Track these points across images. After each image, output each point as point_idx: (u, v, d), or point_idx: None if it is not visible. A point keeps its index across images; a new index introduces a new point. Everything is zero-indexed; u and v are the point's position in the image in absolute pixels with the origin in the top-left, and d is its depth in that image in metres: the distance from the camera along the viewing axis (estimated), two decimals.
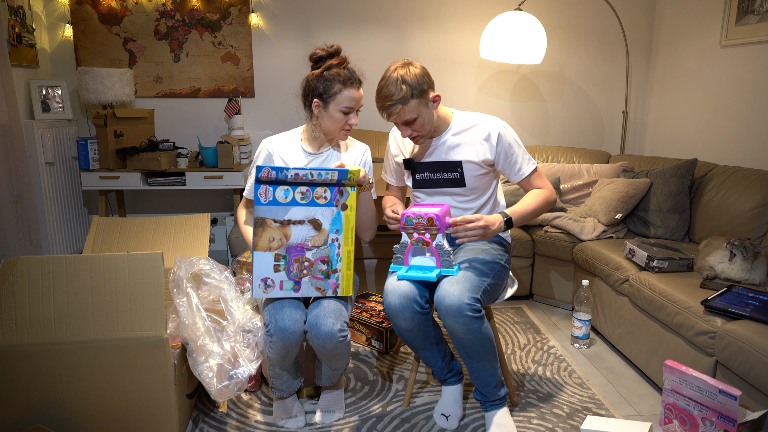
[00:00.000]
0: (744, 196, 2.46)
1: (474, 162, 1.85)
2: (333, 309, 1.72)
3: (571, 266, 2.85)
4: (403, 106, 1.72)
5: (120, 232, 2.55)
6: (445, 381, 1.92)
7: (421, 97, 1.74)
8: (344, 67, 1.83)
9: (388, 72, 1.75)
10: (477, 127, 1.86)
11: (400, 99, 1.71)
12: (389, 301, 1.73)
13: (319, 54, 1.85)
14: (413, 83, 1.72)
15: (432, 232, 1.67)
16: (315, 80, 1.83)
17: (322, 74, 1.81)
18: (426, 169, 1.91)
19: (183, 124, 3.57)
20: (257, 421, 1.90)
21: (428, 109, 1.78)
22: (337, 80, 1.79)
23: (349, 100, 1.81)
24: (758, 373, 1.60)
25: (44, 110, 3.18)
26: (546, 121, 3.80)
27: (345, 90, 1.80)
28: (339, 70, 1.81)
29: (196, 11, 3.41)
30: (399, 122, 1.78)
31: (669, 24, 3.50)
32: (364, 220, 1.95)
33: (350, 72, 1.82)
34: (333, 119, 1.84)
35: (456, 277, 1.69)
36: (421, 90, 1.73)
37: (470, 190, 1.89)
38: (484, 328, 1.67)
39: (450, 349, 1.90)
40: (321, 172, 1.69)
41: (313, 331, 1.69)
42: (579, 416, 1.94)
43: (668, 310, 2.01)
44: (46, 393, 1.63)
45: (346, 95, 1.80)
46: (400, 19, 3.56)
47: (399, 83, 1.71)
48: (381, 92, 1.74)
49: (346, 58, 1.87)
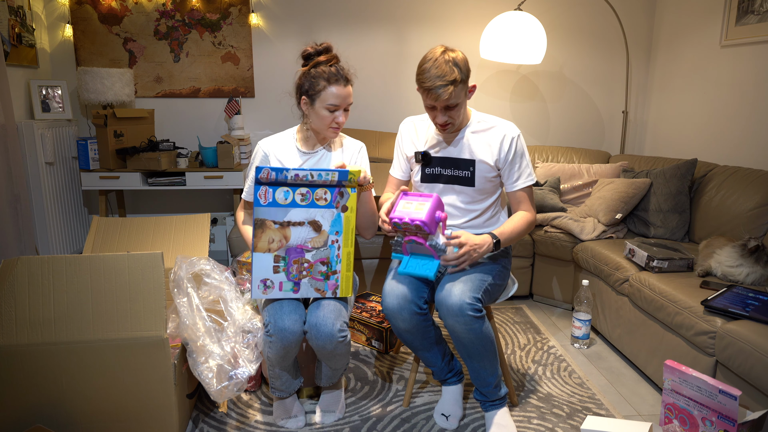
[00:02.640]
0: (744, 196, 2.46)
1: (487, 163, 1.84)
2: (333, 309, 1.72)
3: (571, 266, 2.85)
4: (454, 89, 1.68)
5: (120, 232, 2.54)
6: (445, 381, 1.92)
7: (465, 84, 1.73)
8: (331, 64, 1.81)
9: (435, 53, 1.71)
10: (494, 129, 1.85)
11: (452, 80, 1.67)
12: (387, 302, 1.73)
13: (308, 51, 1.84)
14: (463, 68, 1.70)
15: (423, 234, 1.66)
16: (302, 77, 1.83)
17: (309, 71, 1.81)
18: (438, 164, 1.89)
19: (183, 124, 3.57)
20: (257, 421, 1.90)
21: (465, 98, 1.77)
22: (322, 77, 1.79)
23: (334, 97, 1.79)
24: (758, 373, 1.60)
25: (44, 110, 3.18)
26: (546, 121, 3.80)
27: (330, 87, 1.78)
28: (325, 67, 1.79)
29: (196, 11, 3.41)
30: (441, 106, 1.73)
31: (669, 24, 3.50)
32: (365, 219, 1.95)
33: (337, 69, 1.80)
34: (320, 117, 1.83)
35: (458, 277, 1.69)
36: (467, 76, 1.72)
37: (478, 191, 1.88)
38: (485, 328, 1.67)
39: (449, 350, 1.90)
40: (321, 173, 1.68)
41: (312, 332, 1.69)
42: (579, 416, 1.94)
43: (668, 310, 2.01)
44: (46, 393, 1.63)
45: (331, 92, 1.79)
46: (400, 19, 3.56)
47: (451, 65, 1.68)
48: (430, 71, 1.68)
49: (336, 55, 1.85)
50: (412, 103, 3.68)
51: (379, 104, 3.67)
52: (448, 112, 1.75)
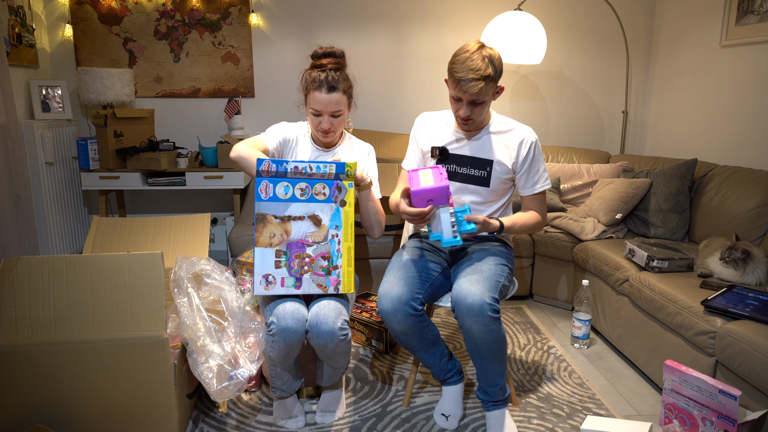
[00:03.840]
0: (744, 196, 2.46)
1: (504, 165, 1.84)
2: (333, 308, 1.72)
3: (571, 266, 2.85)
4: (485, 85, 1.68)
5: (120, 232, 2.54)
6: (445, 381, 1.91)
7: (495, 83, 1.73)
8: (326, 69, 1.83)
9: (472, 46, 1.70)
10: (514, 132, 1.85)
11: (486, 76, 1.67)
12: (382, 304, 1.73)
13: (315, 52, 1.89)
14: (498, 66, 1.71)
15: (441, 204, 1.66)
16: (302, 77, 1.89)
17: (305, 72, 1.88)
18: (454, 162, 1.88)
19: (183, 124, 3.57)
20: (257, 421, 1.90)
21: (492, 97, 1.77)
22: (310, 81, 1.84)
23: (316, 103, 1.84)
24: (758, 373, 1.60)
25: (44, 110, 3.18)
26: (546, 121, 3.80)
27: (314, 92, 1.84)
28: (318, 72, 1.84)
29: (196, 11, 3.41)
30: (467, 100, 1.72)
31: (669, 24, 3.50)
32: (369, 218, 1.96)
33: (326, 75, 1.82)
34: (309, 118, 1.90)
35: (475, 277, 1.68)
36: (499, 75, 1.73)
37: (491, 193, 1.88)
38: (501, 329, 1.67)
39: (448, 350, 1.89)
40: (320, 165, 1.72)
41: (313, 331, 1.69)
42: (579, 416, 1.94)
43: (668, 310, 2.01)
44: (46, 393, 1.63)
45: (314, 97, 1.84)
46: (400, 19, 3.56)
47: (487, 61, 1.67)
48: (465, 62, 1.67)
49: (339, 61, 1.87)
50: (412, 103, 3.68)
51: (379, 104, 3.67)
52: (473, 108, 1.75)
